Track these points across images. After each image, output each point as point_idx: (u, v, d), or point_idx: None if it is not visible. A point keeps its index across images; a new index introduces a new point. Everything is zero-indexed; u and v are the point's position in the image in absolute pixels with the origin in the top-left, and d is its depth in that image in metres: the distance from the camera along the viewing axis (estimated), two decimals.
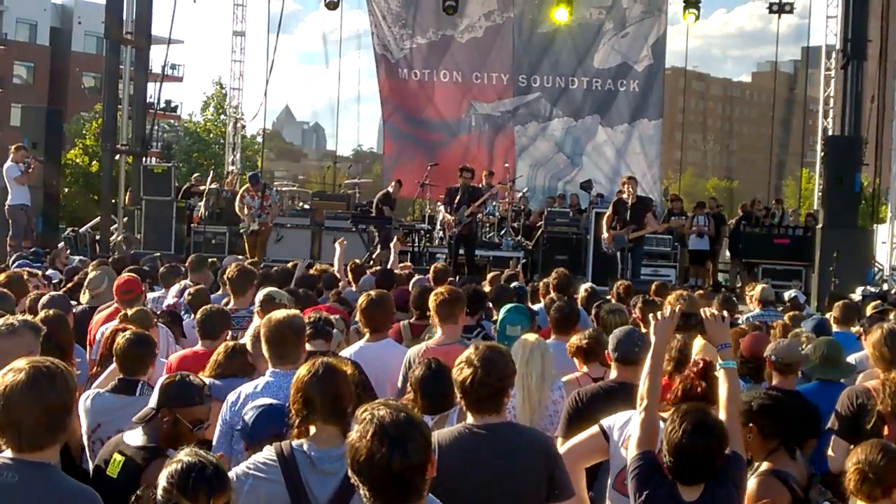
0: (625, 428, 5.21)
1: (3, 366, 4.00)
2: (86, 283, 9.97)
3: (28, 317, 5.62)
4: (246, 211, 19.84)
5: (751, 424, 5.36)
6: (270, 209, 20.34)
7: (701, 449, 4.47)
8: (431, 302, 7.20)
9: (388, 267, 12.92)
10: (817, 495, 5.61)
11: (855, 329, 9.57)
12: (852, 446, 5.86)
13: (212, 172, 24.69)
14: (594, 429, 5.40)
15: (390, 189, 21.92)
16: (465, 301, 7.29)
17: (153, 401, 5.08)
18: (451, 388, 4.98)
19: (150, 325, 7.40)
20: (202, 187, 23.04)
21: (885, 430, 5.82)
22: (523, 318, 7.13)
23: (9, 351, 4.96)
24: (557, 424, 6.11)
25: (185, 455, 3.70)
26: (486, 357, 4.80)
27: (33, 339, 5.23)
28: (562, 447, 5.38)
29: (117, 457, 4.88)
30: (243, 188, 20.59)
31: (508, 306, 7.25)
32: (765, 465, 5.37)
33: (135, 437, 5.02)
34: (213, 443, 5.33)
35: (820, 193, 23.21)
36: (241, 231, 20.09)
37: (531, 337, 6.34)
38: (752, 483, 5.22)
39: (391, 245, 15.14)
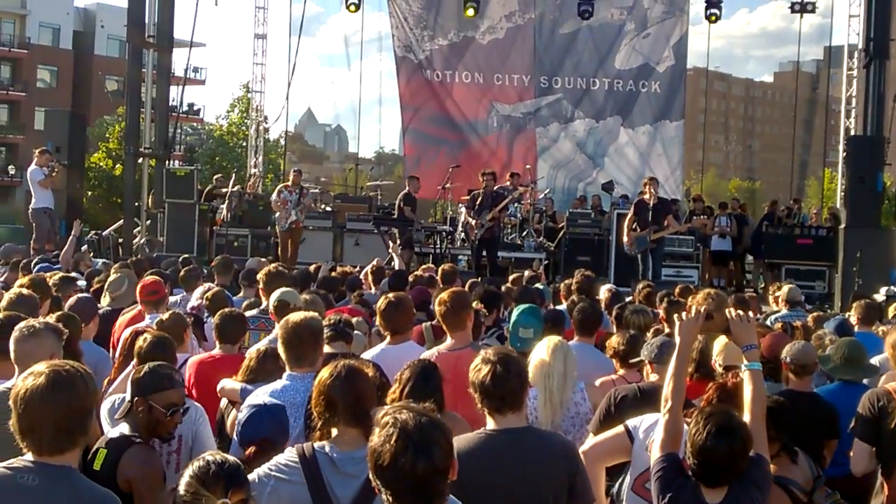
0: (651, 431, 5.16)
1: (25, 368, 4.02)
2: (106, 286, 10.01)
3: (49, 319, 5.63)
4: (283, 205, 19.70)
5: None
6: (307, 205, 20.41)
7: (724, 450, 4.45)
8: (437, 310, 7.16)
9: (397, 268, 12.92)
10: (823, 498, 5.56)
11: (879, 329, 9.50)
12: (874, 449, 5.85)
13: (234, 175, 24.70)
14: (619, 428, 5.37)
15: (409, 187, 21.93)
16: (470, 304, 7.21)
17: (128, 394, 5.15)
18: (439, 393, 5.08)
19: (184, 329, 7.43)
20: (224, 189, 23.07)
21: None
22: (536, 321, 7.10)
23: (30, 353, 5.00)
24: (578, 426, 6.10)
25: (208, 454, 3.77)
26: (502, 355, 4.83)
27: (55, 341, 5.26)
28: (586, 444, 5.37)
29: (101, 451, 4.91)
30: (282, 184, 20.58)
31: (521, 308, 7.22)
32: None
33: (116, 431, 5.10)
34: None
35: (842, 193, 23.07)
36: (278, 227, 19.97)
37: (553, 338, 6.31)
38: None
39: (390, 249, 15.14)
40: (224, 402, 6.45)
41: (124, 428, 5.07)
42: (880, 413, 6.03)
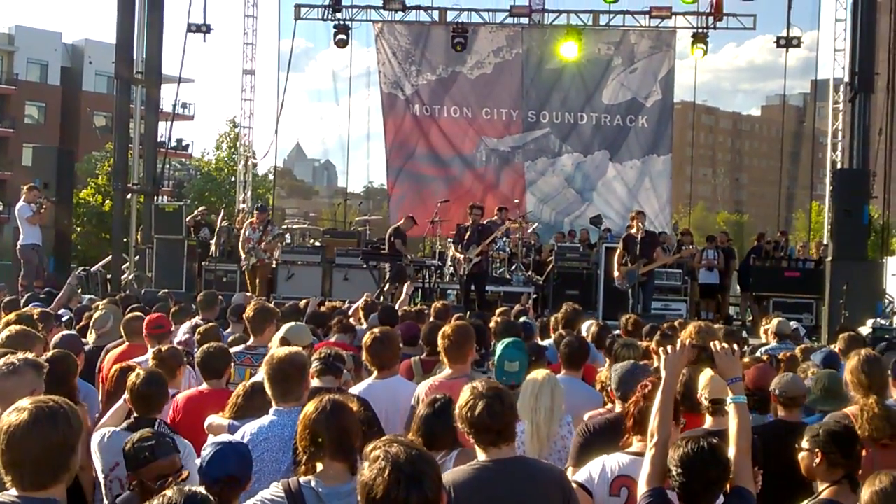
0: (602, 469, 5.22)
1: (7, 405, 4.01)
2: (91, 323, 10.00)
3: (30, 355, 5.60)
4: (246, 244, 20.04)
5: (818, 450, 5.27)
6: (269, 245, 20.37)
7: (709, 458, 4.51)
8: (440, 343, 7.20)
9: (396, 306, 12.90)
10: None
11: None
12: None
13: (222, 210, 24.71)
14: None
15: (401, 223, 21.94)
16: (473, 338, 7.26)
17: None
18: (452, 429, 4.99)
19: (179, 364, 7.43)
20: (212, 216, 23.11)
21: (863, 454, 5.80)
22: (521, 354, 7.11)
23: (11, 390, 4.97)
24: (565, 459, 6.10)
25: (169, 491, 3.71)
26: (495, 389, 4.88)
27: (35, 377, 5.23)
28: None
29: None
30: (249, 220, 20.76)
31: (506, 341, 7.23)
32: (825, 494, 5.23)
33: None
34: None
35: (829, 226, 23.17)
36: (242, 267, 20.36)
37: (541, 372, 6.33)
38: None
39: (405, 286, 15.12)
40: (211, 438, 6.43)
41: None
42: None
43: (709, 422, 5.73)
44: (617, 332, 11.48)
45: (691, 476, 4.51)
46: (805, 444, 5.36)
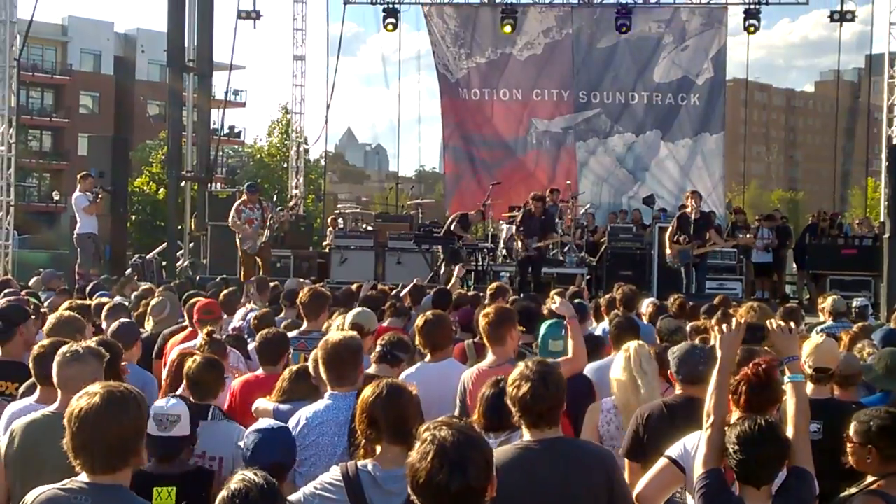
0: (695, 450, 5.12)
1: (69, 392, 4.07)
2: (149, 310, 10.11)
3: (92, 343, 5.68)
4: (246, 225, 18.87)
5: (870, 446, 5.19)
6: (272, 224, 19.48)
7: (768, 439, 4.49)
8: (480, 323, 7.18)
9: (448, 287, 12.90)
10: None
11: None
12: None
13: (275, 196, 24.85)
14: (662, 461, 5.25)
15: (471, 214, 21.96)
16: (514, 320, 7.22)
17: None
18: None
19: (222, 352, 7.49)
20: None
21: None
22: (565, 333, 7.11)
23: (73, 377, 5.04)
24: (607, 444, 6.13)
25: (234, 482, 3.69)
26: (541, 371, 4.84)
27: (98, 365, 5.30)
28: (636, 483, 5.33)
29: (163, 490, 4.97)
30: (239, 201, 19.58)
31: (550, 322, 7.22)
32: (875, 485, 5.15)
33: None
34: None
35: (886, 202, 22.86)
36: (246, 249, 18.95)
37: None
38: (857, 501, 5.10)
39: (456, 269, 15.10)
40: (255, 424, 6.48)
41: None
42: None
43: (810, 389, 5.66)
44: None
45: (749, 454, 4.48)
46: (855, 437, 5.26)
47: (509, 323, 7.07)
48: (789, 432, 4.70)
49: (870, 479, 5.18)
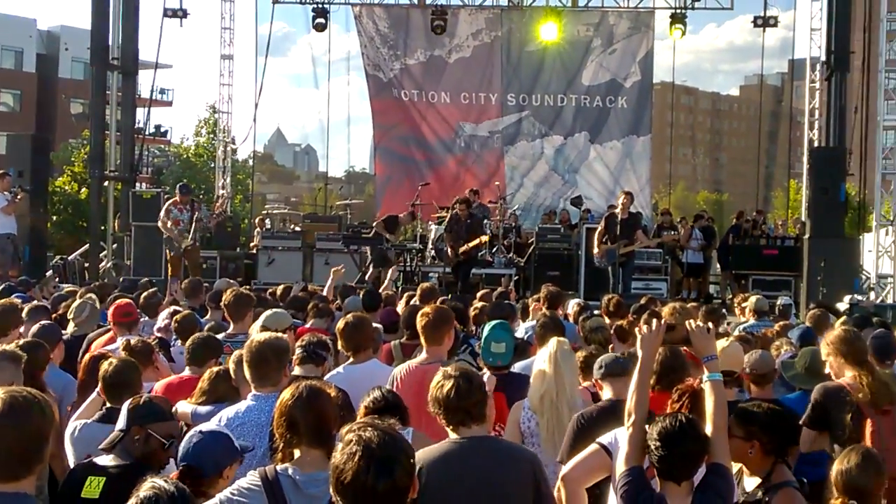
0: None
1: None
2: (69, 313, 9.96)
3: (8, 347, 5.57)
4: (172, 225, 18.76)
5: (753, 440, 5.30)
6: (201, 226, 19.39)
7: (688, 436, 4.57)
8: (418, 322, 7.21)
9: (380, 290, 12.89)
10: None
11: None
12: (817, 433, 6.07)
13: (202, 197, 24.60)
14: (593, 447, 5.37)
15: (401, 216, 21.93)
16: (452, 322, 7.29)
17: (121, 422, 5.05)
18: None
19: (150, 354, 7.38)
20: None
21: (868, 425, 5.90)
22: (507, 335, 7.15)
23: None
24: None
25: (143, 490, 3.63)
26: (464, 371, 4.94)
27: (14, 370, 5.20)
28: (563, 468, 5.38)
29: (94, 479, 4.85)
30: (170, 201, 19.46)
31: (492, 323, 7.27)
32: (775, 478, 5.28)
33: (106, 460, 5.00)
34: None
35: (807, 204, 23.32)
36: (171, 251, 18.89)
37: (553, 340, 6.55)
38: (775, 500, 5.17)
39: (389, 271, 15.06)
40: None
41: (108, 458, 5.00)
42: (835, 405, 6.25)
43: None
44: (597, 311, 11.55)
45: (670, 450, 4.55)
46: (737, 432, 5.31)
47: (448, 324, 7.20)
48: (708, 430, 4.77)
49: (761, 473, 5.30)
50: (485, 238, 19.34)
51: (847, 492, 4.72)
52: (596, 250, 18.45)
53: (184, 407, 6.31)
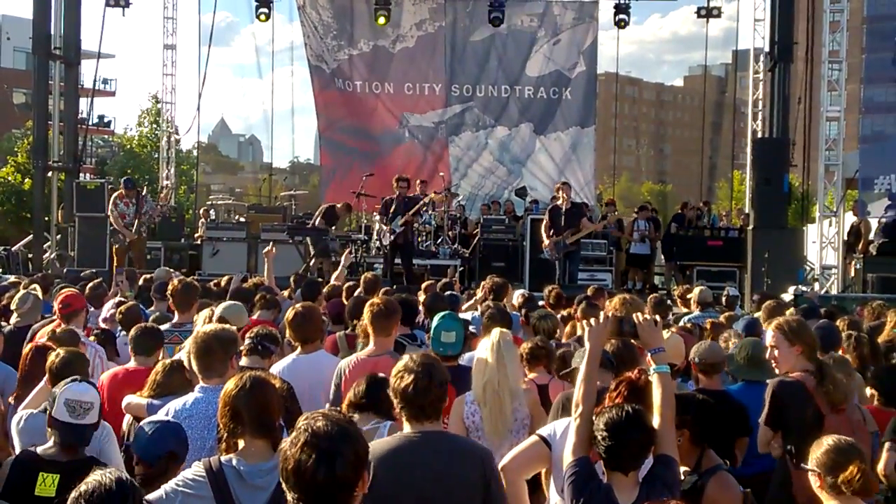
0: (566, 429, 5.19)
1: None
2: (12, 304, 9.86)
3: None
4: (121, 219, 19.39)
5: (683, 428, 5.30)
6: (147, 218, 19.90)
7: (635, 426, 4.58)
8: (366, 313, 7.19)
9: (333, 278, 12.87)
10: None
11: None
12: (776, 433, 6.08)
13: (145, 188, 24.35)
14: (533, 438, 5.41)
15: (338, 206, 21.86)
16: (399, 313, 7.29)
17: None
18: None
19: (76, 343, 7.31)
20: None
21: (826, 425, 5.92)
22: (457, 325, 7.14)
23: None
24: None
25: (84, 483, 3.60)
26: (426, 364, 4.88)
27: None
28: (503, 459, 5.39)
29: (48, 476, 4.81)
30: (115, 194, 19.94)
31: (442, 314, 7.26)
32: (705, 464, 5.34)
33: (49, 451, 5.00)
34: None
35: (750, 195, 23.53)
36: (116, 243, 19.57)
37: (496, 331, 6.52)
38: (712, 483, 5.21)
39: (342, 257, 15.02)
40: (128, 418, 6.35)
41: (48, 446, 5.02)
42: (793, 402, 6.15)
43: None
44: (541, 303, 11.57)
45: (617, 440, 4.56)
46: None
47: (396, 315, 7.22)
48: (655, 421, 4.77)
49: (690, 461, 5.33)
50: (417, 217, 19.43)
51: (838, 466, 4.71)
52: (546, 243, 18.51)
53: (137, 400, 6.27)
